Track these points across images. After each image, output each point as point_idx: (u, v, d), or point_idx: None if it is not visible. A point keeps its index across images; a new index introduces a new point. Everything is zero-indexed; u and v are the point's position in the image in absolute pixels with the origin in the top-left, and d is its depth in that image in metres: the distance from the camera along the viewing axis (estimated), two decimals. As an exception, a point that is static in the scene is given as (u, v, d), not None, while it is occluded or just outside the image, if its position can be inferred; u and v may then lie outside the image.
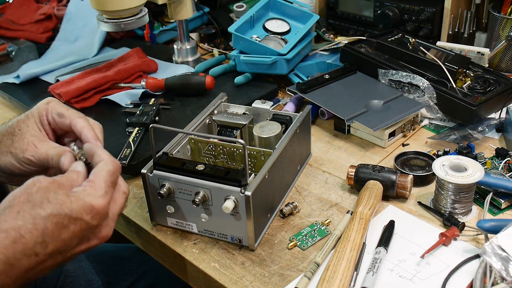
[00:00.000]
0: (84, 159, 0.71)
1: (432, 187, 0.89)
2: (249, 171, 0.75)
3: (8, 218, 0.57)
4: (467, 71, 1.08)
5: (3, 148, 0.76)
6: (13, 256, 0.56)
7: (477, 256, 0.74)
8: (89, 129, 0.75)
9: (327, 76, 1.13)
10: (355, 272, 0.72)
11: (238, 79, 1.21)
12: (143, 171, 0.80)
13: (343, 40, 1.30)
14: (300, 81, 1.18)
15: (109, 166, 0.66)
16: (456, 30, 1.26)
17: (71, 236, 0.60)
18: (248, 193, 0.73)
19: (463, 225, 0.79)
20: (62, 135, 0.80)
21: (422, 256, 0.74)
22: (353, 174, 0.88)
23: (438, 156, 0.95)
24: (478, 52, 1.14)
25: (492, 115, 1.04)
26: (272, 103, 0.97)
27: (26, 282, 0.59)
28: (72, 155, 0.71)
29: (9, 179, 0.79)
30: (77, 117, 0.76)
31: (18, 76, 1.29)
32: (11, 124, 0.77)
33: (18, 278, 0.57)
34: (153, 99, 1.15)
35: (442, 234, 0.77)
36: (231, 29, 1.21)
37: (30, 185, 0.61)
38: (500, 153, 0.93)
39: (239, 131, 0.91)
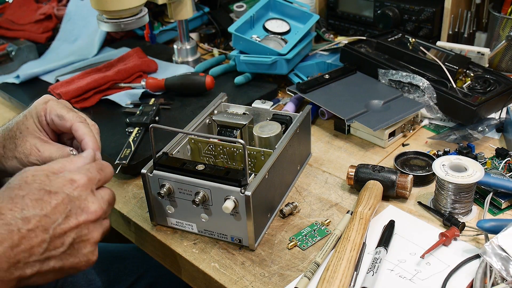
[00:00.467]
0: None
1: (432, 187, 0.89)
2: (249, 171, 0.75)
3: None
4: (467, 71, 1.08)
5: (8, 153, 0.76)
6: None
7: (477, 256, 0.74)
8: (91, 136, 0.75)
9: (327, 76, 1.13)
10: (355, 272, 0.72)
11: (238, 79, 1.21)
12: (143, 171, 0.80)
13: (343, 40, 1.30)
14: (300, 81, 1.18)
15: (101, 161, 0.68)
16: (456, 30, 1.26)
17: (54, 210, 0.59)
18: (248, 193, 0.73)
19: (463, 225, 0.79)
20: (60, 134, 0.80)
21: (422, 256, 0.74)
22: (353, 174, 0.88)
23: (438, 156, 0.95)
24: (478, 52, 1.14)
25: (492, 115, 1.04)
26: (272, 103, 0.97)
27: (22, 271, 0.58)
28: None
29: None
30: (78, 122, 0.76)
31: (18, 76, 1.29)
32: (11, 127, 0.77)
33: (6, 257, 0.56)
34: (153, 99, 1.15)
35: (442, 234, 0.77)
36: (231, 29, 1.21)
37: (16, 175, 0.62)
38: (500, 153, 0.93)
39: (239, 131, 0.91)
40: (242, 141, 0.71)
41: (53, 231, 0.59)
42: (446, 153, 0.95)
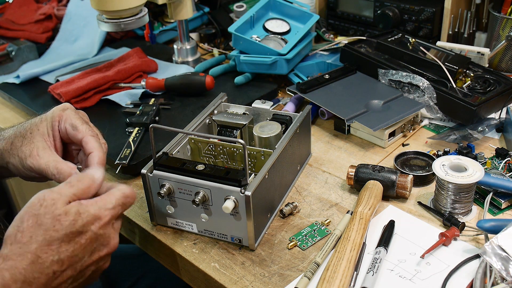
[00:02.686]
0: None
1: (432, 187, 0.89)
2: (249, 171, 0.75)
3: (22, 245, 0.60)
4: (467, 71, 1.08)
5: (13, 150, 0.78)
6: (31, 276, 0.59)
7: (477, 256, 0.74)
8: (100, 151, 0.77)
9: (327, 76, 1.13)
10: (355, 272, 0.72)
11: (238, 79, 1.21)
12: (143, 171, 0.80)
13: (343, 40, 1.30)
14: (300, 81, 1.18)
15: (125, 190, 0.69)
16: (456, 30, 1.26)
17: (83, 249, 0.63)
18: (248, 193, 0.73)
19: (463, 225, 0.79)
20: (69, 144, 0.82)
21: (422, 256, 0.74)
22: (353, 174, 0.88)
23: (438, 156, 0.95)
24: (478, 52, 1.14)
25: (492, 115, 1.04)
26: (272, 103, 0.97)
27: None
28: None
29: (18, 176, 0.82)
30: (90, 135, 0.78)
31: (18, 76, 1.29)
32: (25, 126, 0.79)
33: None
34: (153, 99, 1.15)
35: (442, 234, 0.77)
36: (231, 29, 1.21)
37: (36, 205, 0.62)
38: (500, 153, 0.93)
39: (239, 131, 0.91)
40: (242, 141, 0.71)
41: (80, 267, 0.63)
42: (446, 153, 0.95)
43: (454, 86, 1.03)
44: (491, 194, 0.83)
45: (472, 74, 1.07)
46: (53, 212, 0.61)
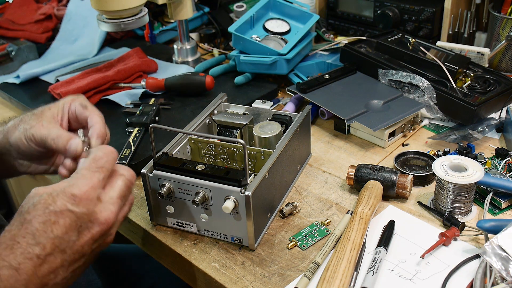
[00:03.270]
0: (86, 149, 0.75)
1: (432, 187, 0.89)
2: (249, 171, 0.75)
3: (5, 232, 0.59)
4: (467, 71, 1.08)
5: (21, 124, 0.78)
6: (15, 261, 0.57)
7: (477, 256, 0.74)
8: (102, 126, 0.79)
9: (327, 76, 1.13)
10: (355, 272, 0.72)
11: (238, 79, 1.21)
12: (143, 171, 0.80)
13: (343, 40, 1.30)
14: (300, 81, 1.18)
15: (97, 152, 0.65)
16: (456, 30, 1.26)
17: (65, 230, 0.59)
18: (248, 193, 0.73)
19: (463, 225, 0.79)
20: (76, 128, 0.82)
21: (422, 256, 0.74)
22: (353, 174, 0.88)
23: (438, 156, 0.95)
24: (478, 52, 1.14)
25: (492, 115, 1.04)
26: (272, 103, 0.97)
27: None
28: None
29: (18, 161, 0.82)
30: (97, 114, 0.80)
31: (18, 76, 1.29)
32: (39, 108, 0.81)
33: (34, 284, 0.58)
34: (153, 99, 1.15)
35: (442, 234, 0.77)
36: (231, 29, 1.21)
37: (26, 198, 0.62)
38: (500, 153, 0.93)
39: (239, 131, 0.91)
40: (242, 141, 0.71)
41: (70, 249, 0.60)
42: (446, 153, 0.95)
43: (454, 86, 1.03)
44: (491, 194, 0.83)
45: (472, 74, 1.07)
46: (29, 199, 0.61)
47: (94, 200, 0.62)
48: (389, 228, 0.79)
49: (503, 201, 0.82)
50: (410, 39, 1.17)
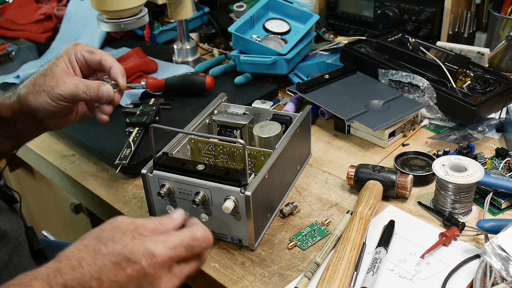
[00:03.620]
0: (117, 90, 0.84)
1: (432, 187, 0.89)
2: (249, 171, 0.75)
3: (75, 249, 0.59)
4: (467, 71, 1.08)
5: (37, 88, 0.81)
6: (70, 283, 0.56)
7: (477, 256, 0.74)
8: (118, 65, 0.85)
9: (327, 76, 1.13)
10: (355, 272, 0.72)
11: (238, 79, 1.21)
12: (143, 171, 0.80)
13: (343, 40, 1.30)
14: (300, 81, 1.18)
15: (196, 232, 0.63)
16: (456, 30, 1.26)
17: (127, 280, 0.58)
18: (248, 193, 0.73)
19: (463, 225, 0.79)
20: (88, 74, 0.88)
21: (422, 256, 0.74)
22: (353, 174, 0.88)
23: (438, 156, 0.95)
24: (478, 52, 1.14)
25: (492, 115, 1.04)
26: (272, 103, 0.97)
27: None
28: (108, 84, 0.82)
29: (47, 121, 0.85)
30: (106, 55, 0.85)
31: (18, 76, 1.29)
32: (43, 68, 0.83)
33: None
34: (153, 99, 1.15)
35: (442, 234, 0.77)
36: (231, 29, 1.21)
37: (107, 222, 0.62)
38: (500, 153, 0.93)
39: (239, 131, 0.91)
40: (242, 141, 0.71)
41: None
42: (446, 153, 0.95)
43: (454, 86, 1.03)
44: (491, 194, 0.83)
45: (472, 74, 1.07)
46: (113, 230, 0.60)
47: (166, 268, 0.61)
48: (389, 228, 0.79)
49: (503, 201, 0.82)
50: (410, 39, 1.17)
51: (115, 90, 0.84)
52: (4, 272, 0.68)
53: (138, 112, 1.09)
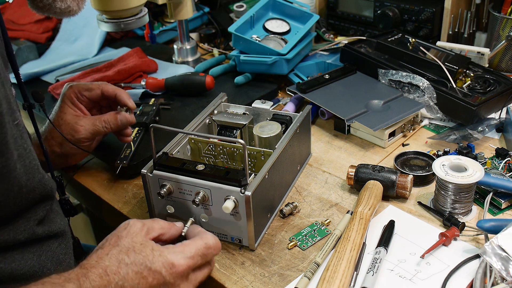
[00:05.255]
0: (129, 112, 0.92)
1: (432, 187, 0.89)
2: (249, 171, 0.75)
3: (98, 258, 0.63)
4: (467, 71, 1.08)
5: (58, 140, 0.90)
6: None
7: (477, 256, 0.74)
8: (120, 91, 0.91)
9: (327, 76, 1.13)
10: (355, 272, 0.72)
11: (238, 79, 1.21)
12: (143, 171, 0.79)
13: (343, 40, 1.31)
14: (300, 81, 1.18)
15: (208, 240, 0.69)
16: (456, 30, 1.26)
17: (148, 287, 0.63)
18: (248, 193, 0.73)
19: (463, 225, 0.79)
20: (92, 108, 0.94)
21: (422, 256, 0.74)
22: (353, 174, 0.88)
23: (438, 156, 0.95)
24: (478, 52, 1.14)
25: (492, 115, 1.04)
26: (272, 103, 0.97)
27: None
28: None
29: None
30: (104, 85, 0.92)
31: (18, 76, 1.29)
32: (54, 118, 0.90)
33: None
34: (153, 99, 1.15)
35: (442, 234, 0.77)
36: (231, 29, 1.21)
37: (121, 228, 0.67)
38: (500, 153, 0.93)
39: (239, 131, 0.91)
40: (242, 141, 0.71)
41: None
42: (446, 153, 0.95)
43: (454, 86, 1.03)
44: (491, 194, 0.83)
45: (472, 74, 1.07)
46: (132, 238, 0.65)
47: (185, 277, 0.67)
48: (389, 228, 0.79)
49: (503, 201, 0.82)
50: (410, 39, 1.17)
51: (128, 112, 0.91)
52: (59, 268, 0.70)
53: (138, 112, 1.09)
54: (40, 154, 0.75)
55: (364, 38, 1.24)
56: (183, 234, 0.73)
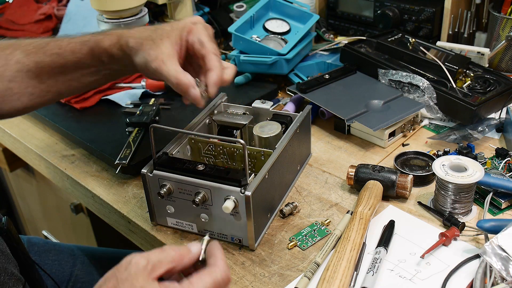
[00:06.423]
0: (204, 95, 0.78)
1: (432, 187, 0.89)
2: (249, 171, 0.75)
3: None
4: (467, 71, 1.08)
5: (141, 52, 0.78)
6: None
7: (477, 256, 0.74)
8: (218, 71, 0.79)
9: (327, 76, 1.13)
10: (355, 272, 0.72)
11: (238, 79, 1.21)
12: (143, 171, 0.80)
13: (343, 40, 1.30)
14: (300, 81, 1.18)
15: (217, 275, 0.59)
16: (456, 30, 1.26)
17: None
18: (248, 193, 0.73)
19: (463, 225, 0.79)
20: (192, 55, 0.82)
21: (422, 256, 0.74)
22: (353, 174, 0.88)
23: (438, 156, 0.95)
24: (478, 52, 1.14)
25: (492, 115, 1.04)
26: (272, 103, 0.97)
27: None
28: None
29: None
30: (213, 53, 0.79)
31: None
32: (158, 32, 0.79)
33: None
34: (153, 99, 1.15)
35: (442, 234, 0.77)
36: (231, 29, 1.21)
37: (122, 268, 0.58)
38: (500, 153, 0.93)
39: (239, 131, 0.91)
40: (242, 141, 0.71)
41: None
42: (446, 153, 0.95)
43: (454, 86, 1.03)
44: (491, 194, 0.83)
45: (472, 74, 1.07)
46: (132, 281, 0.56)
47: None
48: (389, 228, 0.79)
49: (503, 201, 0.82)
50: (410, 39, 1.17)
51: (203, 95, 0.79)
52: None
53: (138, 112, 1.09)
54: None
55: (364, 38, 1.24)
56: (200, 259, 0.61)
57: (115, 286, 0.56)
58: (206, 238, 0.62)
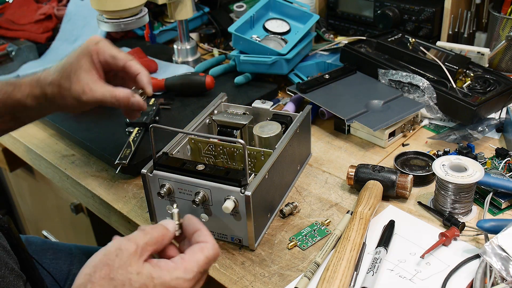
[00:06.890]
0: (144, 97, 0.84)
1: (432, 187, 0.89)
2: (249, 171, 0.75)
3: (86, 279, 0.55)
4: (467, 71, 1.08)
5: (64, 93, 0.81)
6: None
7: (477, 256, 0.74)
8: (144, 71, 0.84)
9: (327, 76, 1.13)
10: (355, 272, 0.72)
11: (238, 79, 1.21)
12: (143, 171, 0.80)
13: (343, 40, 1.30)
14: (300, 81, 1.18)
15: (210, 252, 0.60)
16: (456, 30, 1.26)
17: None
18: (248, 193, 0.73)
19: (463, 225, 0.79)
20: (109, 73, 0.86)
21: (422, 256, 0.74)
22: (353, 174, 0.88)
23: (438, 156, 0.95)
24: (478, 52, 1.14)
25: (492, 115, 1.04)
26: (272, 103, 0.97)
27: None
28: None
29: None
30: (130, 60, 0.83)
31: (18, 76, 1.29)
32: (66, 67, 0.82)
33: None
34: (153, 99, 1.15)
35: (442, 234, 0.77)
36: (231, 29, 1.21)
37: (112, 255, 0.57)
38: (500, 153, 0.93)
39: (239, 131, 0.91)
40: (242, 141, 0.71)
41: None
42: (446, 153, 0.95)
43: (454, 86, 1.03)
44: (491, 194, 0.83)
45: (472, 74, 1.07)
46: (127, 268, 0.56)
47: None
48: (389, 228, 0.79)
49: (503, 201, 0.82)
50: (410, 39, 1.17)
51: (143, 97, 0.84)
52: None
53: (138, 112, 1.09)
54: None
55: (364, 38, 1.24)
56: (177, 235, 0.63)
57: (108, 274, 0.56)
58: (176, 211, 0.63)
